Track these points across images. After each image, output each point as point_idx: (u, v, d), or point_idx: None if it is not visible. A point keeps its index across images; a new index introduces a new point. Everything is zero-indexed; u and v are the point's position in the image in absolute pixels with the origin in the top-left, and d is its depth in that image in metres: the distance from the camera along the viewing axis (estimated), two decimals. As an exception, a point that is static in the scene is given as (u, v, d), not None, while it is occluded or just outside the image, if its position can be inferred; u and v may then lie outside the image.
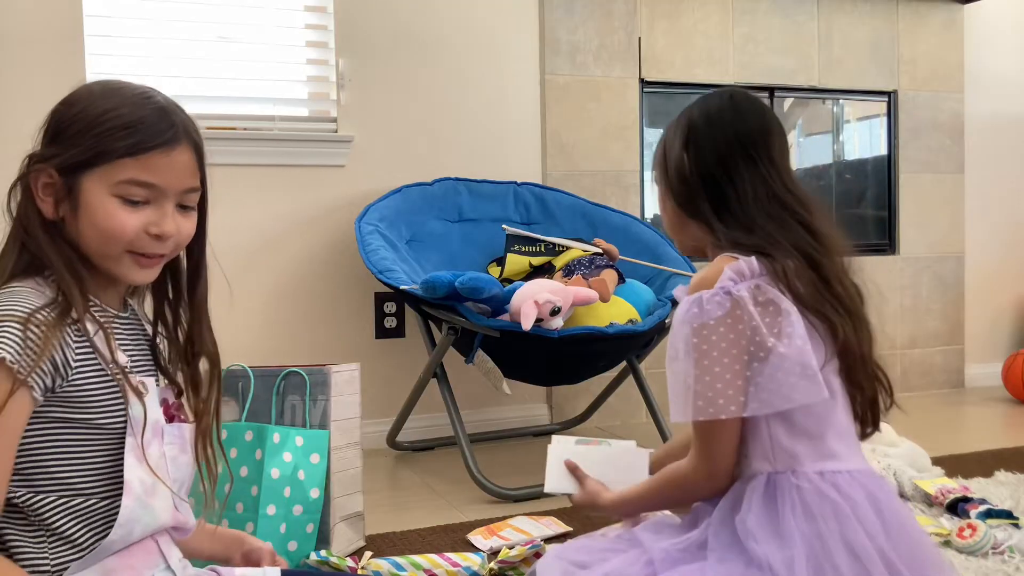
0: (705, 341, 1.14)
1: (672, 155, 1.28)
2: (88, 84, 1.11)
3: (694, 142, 1.27)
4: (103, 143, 1.03)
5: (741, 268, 1.17)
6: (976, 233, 3.99)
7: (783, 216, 1.23)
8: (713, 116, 1.28)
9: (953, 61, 3.91)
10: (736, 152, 1.25)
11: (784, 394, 1.13)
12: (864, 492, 1.15)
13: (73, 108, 1.06)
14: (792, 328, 1.15)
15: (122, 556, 1.06)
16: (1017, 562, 1.82)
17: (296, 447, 1.84)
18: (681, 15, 3.46)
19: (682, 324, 1.17)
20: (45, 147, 1.07)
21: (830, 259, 1.24)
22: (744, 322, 1.14)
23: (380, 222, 2.83)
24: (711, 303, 1.15)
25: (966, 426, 3.40)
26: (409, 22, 3.13)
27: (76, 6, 2.75)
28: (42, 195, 1.06)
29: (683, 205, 1.28)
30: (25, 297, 1.01)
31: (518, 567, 1.82)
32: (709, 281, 1.18)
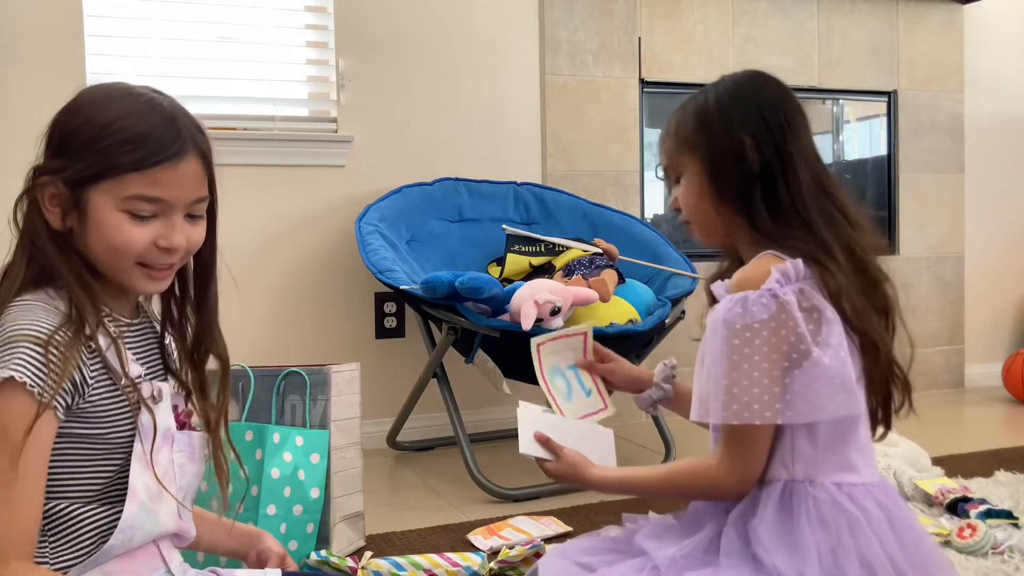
0: (747, 343, 1.11)
1: (726, 137, 1.21)
2: (90, 89, 1.09)
3: (754, 126, 1.20)
4: (109, 157, 1.01)
5: (787, 270, 1.13)
6: (976, 233, 3.99)
7: (831, 211, 1.21)
8: (766, 101, 1.23)
9: (953, 61, 3.91)
10: (790, 141, 1.20)
11: (821, 405, 1.11)
12: (878, 505, 1.14)
13: (77, 118, 1.04)
14: (835, 338, 1.12)
15: (122, 560, 1.06)
16: (1017, 562, 1.82)
17: (296, 447, 1.84)
18: (681, 15, 3.46)
19: (723, 323, 1.13)
20: (50, 159, 1.05)
21: (872, 259, 1.21)
22: (788, 327, 1.11)
23: (380, 222, 2.83)
24: (756, 304, 1.11)
25: (966, 426, 3.40)
26: (409, 22, 3.13)
27: (76, 6, 2.75)
28: (49, 206, 1.04)
29: (727, 193, 1.21)
30: (39, 314, 0.99)
31: (518, 567, 1.82)
32: (754, 282, 1.13)
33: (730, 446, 1.16)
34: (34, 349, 0.95)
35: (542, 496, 2.40)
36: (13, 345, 0.95)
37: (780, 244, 1.18)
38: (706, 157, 1.22)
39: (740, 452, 1.15)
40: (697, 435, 2.79)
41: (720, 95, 1.25)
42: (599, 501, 2.32)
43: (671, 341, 3.08)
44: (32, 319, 0.98)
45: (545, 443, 1.38)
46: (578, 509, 2.27)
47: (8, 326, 0.98)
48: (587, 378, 1.50)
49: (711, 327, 1.15)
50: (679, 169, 1.26)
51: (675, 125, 1.27)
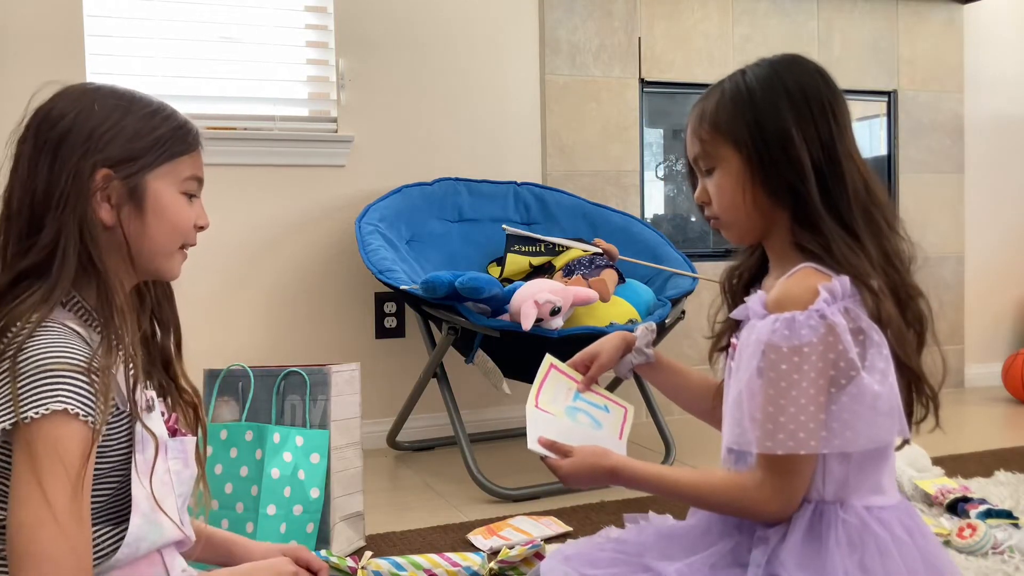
0: (795, 368, 1.03)
1: (772, 125, 1.11)
2: (86, 90, 1.08)
3: (800, 115, 1.11)
4: (167, 143, 1.06)
5: (835, 289, 1.06)
6: (976, 233, 3.99)
7: (875, 216, 1.13)
8: (811, 89, 1.14)
9: (953, 61, 3.91)
10: (835, 132, 1.12)
11: (866, 433, 1.05)
12: (904, 528, 1.11)
13: (111, 112, 1.05)
14: (882, 362, 1.05)
15: (124, 569, 1.05)
16: (1017, 562, 1.82)
17: (296, 447, 1.84)
18: (681, 15, 3.46)
19: (768, 345, 1.05)
20: (92, 154, 1.03)
21: (909, 271, 1.14)
22: (837, 351, 1.04)
23: (380, 222, 2.83)
24: (805, 326, 1.03)
25: (966, 426, 3.39)
26: (409, 22, 3.13)
27: (76, 6, 2.75)
28: (101, 201, 1.03)
29: (772, 187, 1.11)
30: (70, 340, 0.98)
31: (518, 567, 1.82)
32: (800, 300, 1.05)
33: (772, 474, 1.08)
34: (80, 378, 0.95)
35: (542, 496, 2.40)
36: (58, 375, 0.94)
37: (822, 253, 1.10)
38: (749, 146, 1.12)
39: (784, 481, 1.08)
40: (697, 435, 2.79)
41: (761, 79, 1.14)
42: (599, 501, 2.32)
43: (671, 341, 3.08)
44: (66, 345, 0.97)
45: (551, 446, 1.24)
46: (578, 509, 2.27)
47: (43, 353, 0.95)
48: (594, 396, 1.42)
49: (751, 348, 1.07)
50: (713, 160, 1.15)
51: (711, 112, 1.15)
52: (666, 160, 3.61)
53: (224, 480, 1.80)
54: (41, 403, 0.92)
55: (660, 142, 3.60)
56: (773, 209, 1.13)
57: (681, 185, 3.65)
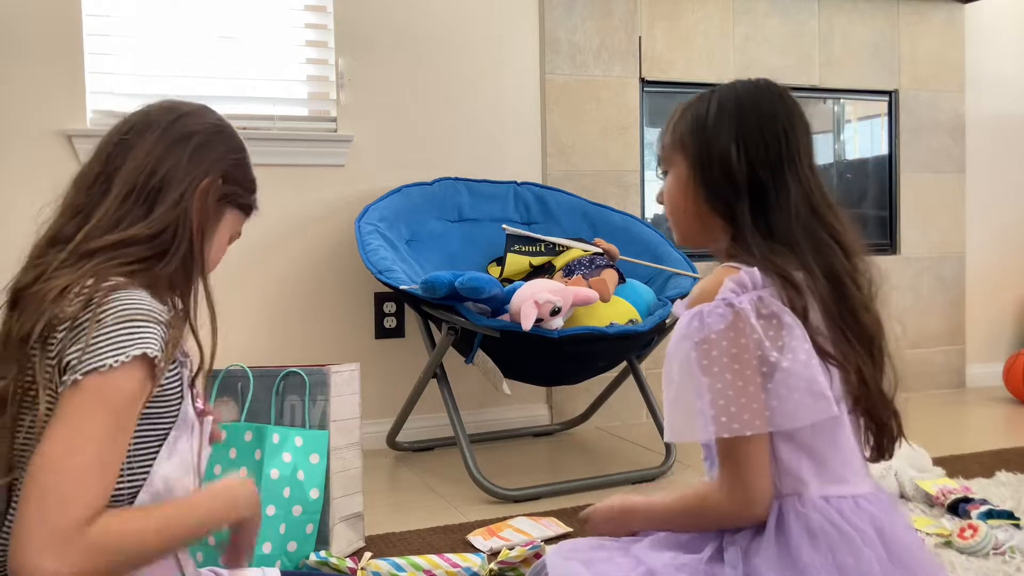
0: (706, 356, 1.09)
1: (716, 143, 1.19)
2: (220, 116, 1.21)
3: (747, 137, 1.18)
4: (251, 196, 1.20)
5: (743, 279, 1.12)
6: (977, 233, 3.99)
7: (820, 235, 1.17)
8: (766, 113, 1.21)
9: (954, 60, 3.90)
10: (784, 157, 1.18)
11: (791, 412, 1.08)
12: (871, 519, 1.11)
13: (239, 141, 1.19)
14: (796, 342, 1.09)
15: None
16: (1018, 563, 1.82)
17: (295, 447, 1.84)
18: (681, 15, 3.45)
19: (683, 340, 1.11)
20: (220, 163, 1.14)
21: (859, 286, 1.19)
22: (747, 335, 1.09)
23: (380, 222, 2.83)
24: (712, 316, 1.09)
25: (967, 426, 3.39)
26: (409, 22, 3.12)
27: (76, 6, 2.75)
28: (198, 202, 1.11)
29: (715, 199, 1.19)
30: (152, 300, 1.03)
31: (518, 568, 1.82)
32: (709, 294, 1.12)
33: (726, 467, 1.12)
34: (161, 328, 1.01)
35: (542, 497, 2.39)
36: (138, 323, 0.98)
37: (748, 259, 1.15)
38: (694, 156, 1.21)
39: (737, 472, 1.11)
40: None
41: (722, 98, 1.23)
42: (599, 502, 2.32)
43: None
44: (148, 302, 1.02)
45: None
46: (578, 509, 2.26)
47: (123, 304, 0.99)
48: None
49: (673, 345, 1.13)
50: (668, 164, 1.26)
51: (676, 120, 1.26)
52: (666, 160, 3.60)
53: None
54: (121, 351, 0.96)
55: (660, 142, 3.60)
56: (711, 219, 1.21)
57: (681, 185, 3.64)
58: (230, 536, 1.18)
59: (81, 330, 0.97)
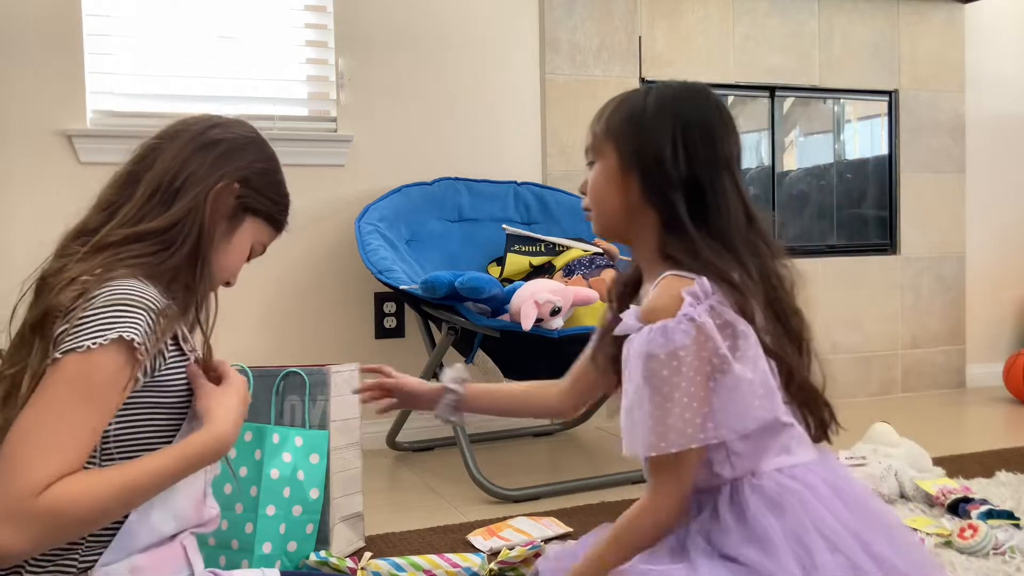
0: (675, 372, 1.11)
1: (655, 136, 1.21)
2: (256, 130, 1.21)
3: (686, 135, 1.20)
4: (278, 208, 1.21)
5: (696, 292, 1.14)
6: (977, 233, 3.99)
7: (754, 238, 1.21)
8: (704, 115, 1.23)
9: (954, 60, 3.90)
10: (721, 160, 1.21)
11: (749, 415, 1.14)
12: (821, 478, 1.18)
13: (272, 157, 1.21)
14: (752, 350, 1.14)
15: (151, 555, 1.07)
16: (1018, 563, 1.82)
17: (295, 447, 1.83)
18: (681, 15, 3.45)
19: (647, 355, 1.13)
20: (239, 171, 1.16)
21: (786, 290, 1.23)
22: (709, 349, 1.12)
23: (380, 222, 2.83)
24: (676, 332, 1.12)
25: (967, 426, 3.39)
26: (409, 22, 3.12)
27: (76, 6, 2.75)
28: (212, 204, 1.12)
29: (651, 192, 1.21)
30: (149, 289, 1.05)
31: (518, 568, 1.82)
32: (668, 309, 1.14)
33: (662, 473, 1.17)
34: (147, 315, 1.02)
35: (542, 497, 2.39)
36: (123, 308, 1.00)
37: (686, 258, 1.18)
38: (629, 148, 1.22)
39: (673, 475, 1.16)
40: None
41: (661, 96, 1.24)
42: (599, 502, 2.32)
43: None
44: (140, 290, 1.04)
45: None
46: (578, 509, 2.27)
47: (113, 290, 1.02)
48: None
49: (634, 361, 1.15)
50: (597, 154, 1.26)
51: (608, 113, 1.27)
52: (666, 160, 3.60)
53: (223, 480, 1.79)
54: (100, 335, 0.98)
55: (660, 142, 3.60)
56: (641, 211, 1.22)
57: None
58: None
59: (71, 314, 0.99)
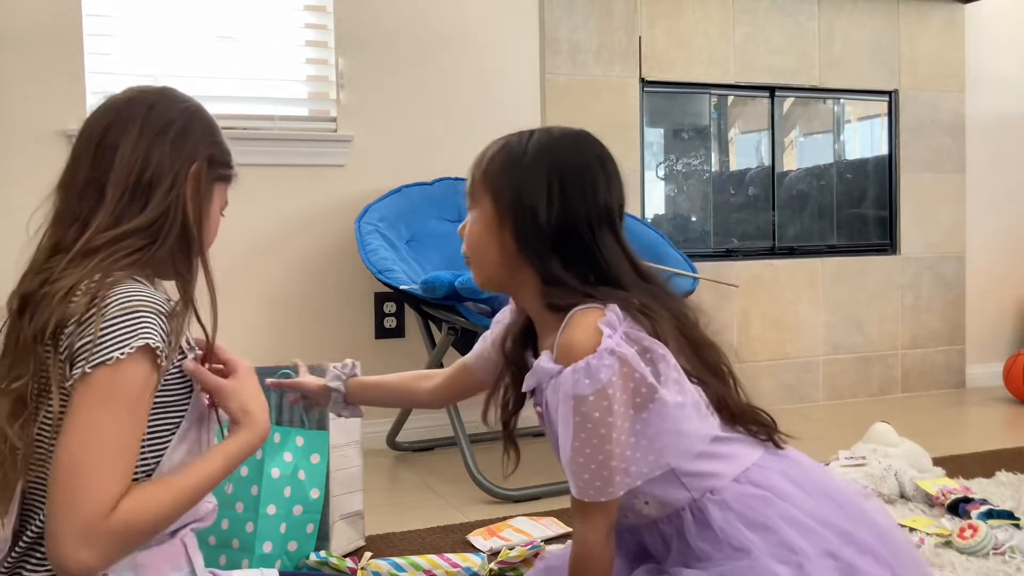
0: (607, 412, 1.08)
1: (527, 191, 1.17)
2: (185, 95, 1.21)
3: (562, 192, 1.16)
4: (231, 167, 1.21)
5: (611, 320, 1.11)
6: (977, 233, 3.99)
7: (648, 285, 1.19)
8: (585, 170, 1.18)
9: (954, 60, 3.90)
10: (602, 217, 1.17)
11: (687, 438, 1.13)
12: (779, 474, 1.18)
13: (211, 118, 1.20)
14: (675, 372, 1.12)
15: (152, 553, 1.07)
16: (1018, 563, 1.82)
17: (296, 447, 1.84)
18: (681, 15, 3.45)
19: (575, 399, 1.09)
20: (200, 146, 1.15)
21: (694, 323, 1.21)
22: (635, 379, 1.10)
23: (380, 222, 2.83)
24: (601, 368, 1.08)
25: (967, 426, 3.39)
26: (409, 22, 3.12)
27: (76, 6, 2.75)
28: (189, 189, 1.12)
29: (526, 247, 1.17)
30: (152, 290, 1.06)
31: (518, 568, 1.82)
32: (587, 344, 1.10)
33: (594, 513, 1.16)
34: (161, 319, 1.03)
35: (542, 497, 2.39)
36: (139, 314, 1.01)
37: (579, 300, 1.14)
38: (500, 196, 1.18)
39: (603, 509, 1.16)
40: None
41: (539, 143, 1.20)
42: (599, 501, 2.32)
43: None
44: (149, 293, 1.04)
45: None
46: (578, 509, 2.26)
47: (125, 297, 1.02)
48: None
49: (563, 406, 1.11)
50: (475, 202, 1.24)
51: (488, 159, 1.23)
52: (666, 160, 3.60)
53: (224, 480, 1.79)
54: (125, 343, 0.98)
55: (660, 142, 3.60)
56: (518, 265, 1.19)
57: (682, 185, 3.64)
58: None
59: (87, 325, 0.99)
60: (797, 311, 3.60)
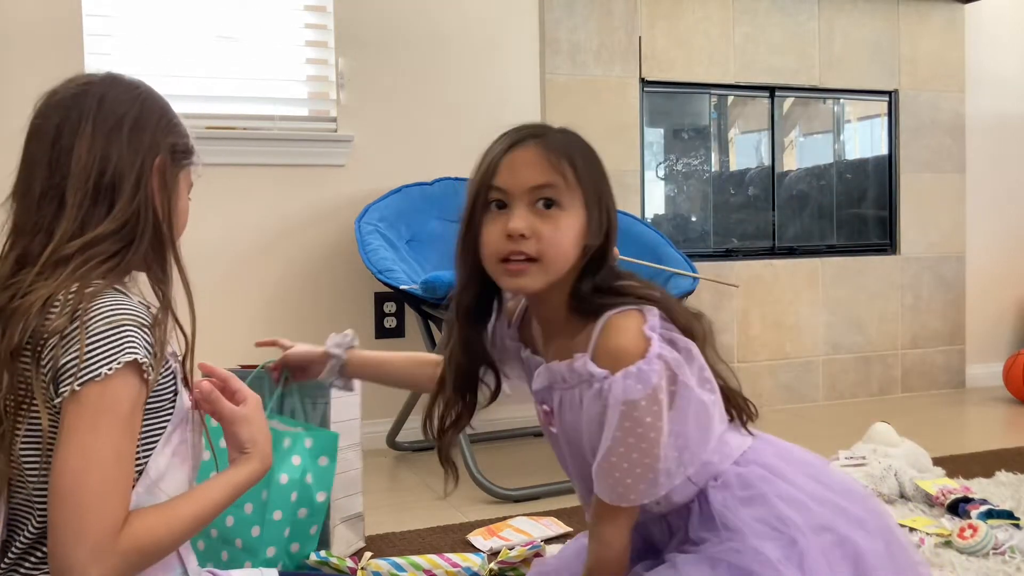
0: (657, 416, 1.11)
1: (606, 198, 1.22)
2: (134, 80, 1.19)
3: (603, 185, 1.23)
4: (191, 151, 1.15)
5: (654, 324, 1.14)
6: (977, 233, 3.99)
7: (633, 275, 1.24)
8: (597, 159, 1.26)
9: (954, 60, 3.90)
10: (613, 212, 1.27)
11: (709, 434, 1.17)
12: (772, 455, 1.23)
13: (162, 103, 1.15)
14: (706, 371, 1.16)
15: None
16: (1018, 562, 1.82)
17: (305, 450, 1.80)
18: (681, 15, 3.45)
19: (628, 404, 1.11)
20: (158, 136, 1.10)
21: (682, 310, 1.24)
22: (677, 383, 1.13)
23: (380, 222, 2.83)
24: (652, 373, 1.11)
25: (967, 426, 3.39)
26: (409, 22, 3.12)
27: (76, 6, 2.75)
28: (155, 183, 1.09)
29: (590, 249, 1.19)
30: (133, 302, 1.03)
31: (518, 568, 1.82)
32: (636, 350, 1.12)
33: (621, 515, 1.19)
34: (144, 332, 1.00)
35: (542, 497, 2.39)
36: (124, 328, 0.99)
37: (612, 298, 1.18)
38: (589, 200, 1.19)
39: (631, 513, 1.19)
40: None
41: (587, 145, 1.27)
42: (599, 501, 2.32)
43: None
44: (131, 305, 1.02)
45: None
46: (578, 509, 2.26)
47: (108, 309, 0.99)
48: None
49: (610, 412, 1.12)
50: (564, 200, 1.18)
51: (569, 154, 1.23)
52: (666, 160, 3.60)
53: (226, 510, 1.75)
54: (112, 359, 0.97)
55: (660, 142, 3.60)
56: (575, 265, 1.20)
57: (682, 185, 3.64)
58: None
59: (71, 341, 0.97)
60: (797, 311, 3.60)
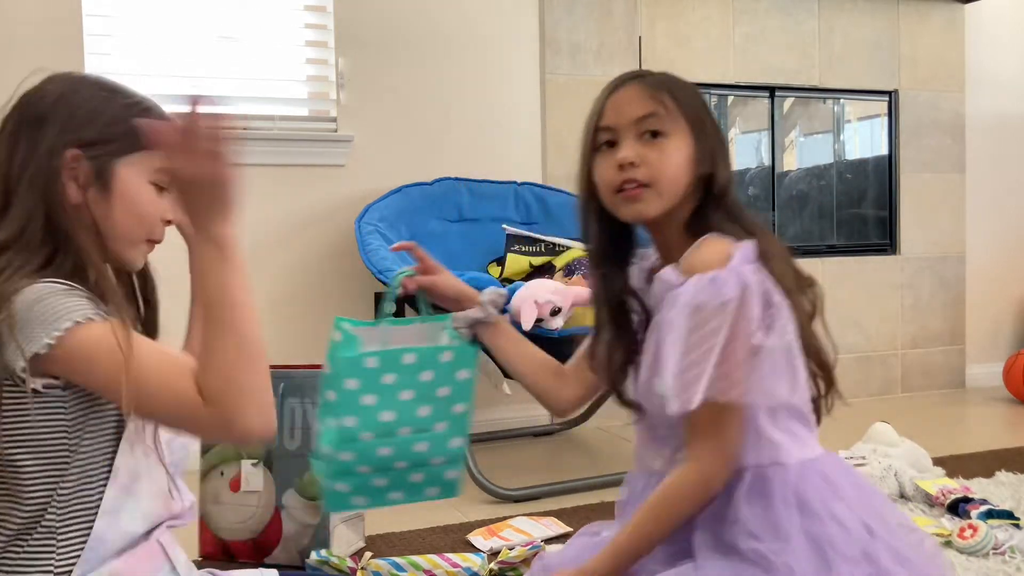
0: (723, 324, 1.08)
1: (711, 125, 1.23)
2: (72, 76, 1.14)
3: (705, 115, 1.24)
4: (136, 136, 1.04)
5: (747, 253, 1.13)
6: (977, 233, 3.99)
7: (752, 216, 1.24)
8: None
9: (954, 60, 3.90)
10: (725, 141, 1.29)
11: (772, 390, 1.11)
12: (840, 473, 1.18)
13: (93, 94, 1.08)
14: (785, 323, 1.11)
15: (126, 560, 1.05)
16: (1018, 562, 1.82)
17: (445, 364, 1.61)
18: (682, 14, 3.45)
19: (694, 307, 1.10)
20: (67, 133, 1.05)
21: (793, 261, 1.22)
22: (749, 309, 1.10)
23: (380, 222, 2.83)
24: (728, 283, 1.09)
25: (967, 426, 3.39)
26: (409, 22, 3.12)
27: (76, 6, 2.75)
28: (69, 180, 1.05)
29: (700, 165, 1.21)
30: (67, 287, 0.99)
31: (518, 568, 1.82)
32: (716, 261, 1.12)
33: (707, 433, 1.13)
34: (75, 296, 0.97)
35: (542, 497, 2.39)
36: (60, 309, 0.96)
37: (726, 224, 1.18)
38: (696, 124, 1.21)
39: (719, 436, 1.13)
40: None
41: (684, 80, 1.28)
42: (599, 502, 2.32)
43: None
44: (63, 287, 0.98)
45: None
46: (578, 510, 2.27)
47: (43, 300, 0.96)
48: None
49: (677, 312, 1.11)
50: (669, 129, 1.20)
51: (669, 86, 1.23)
52: (666, 160, 3.60)
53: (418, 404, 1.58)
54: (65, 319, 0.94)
55: (660, 142, 3.60)
56: (690, 192, 1.21)
57: (681, 185, 3.64)
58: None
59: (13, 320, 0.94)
60: (797, 311, 3.59)
